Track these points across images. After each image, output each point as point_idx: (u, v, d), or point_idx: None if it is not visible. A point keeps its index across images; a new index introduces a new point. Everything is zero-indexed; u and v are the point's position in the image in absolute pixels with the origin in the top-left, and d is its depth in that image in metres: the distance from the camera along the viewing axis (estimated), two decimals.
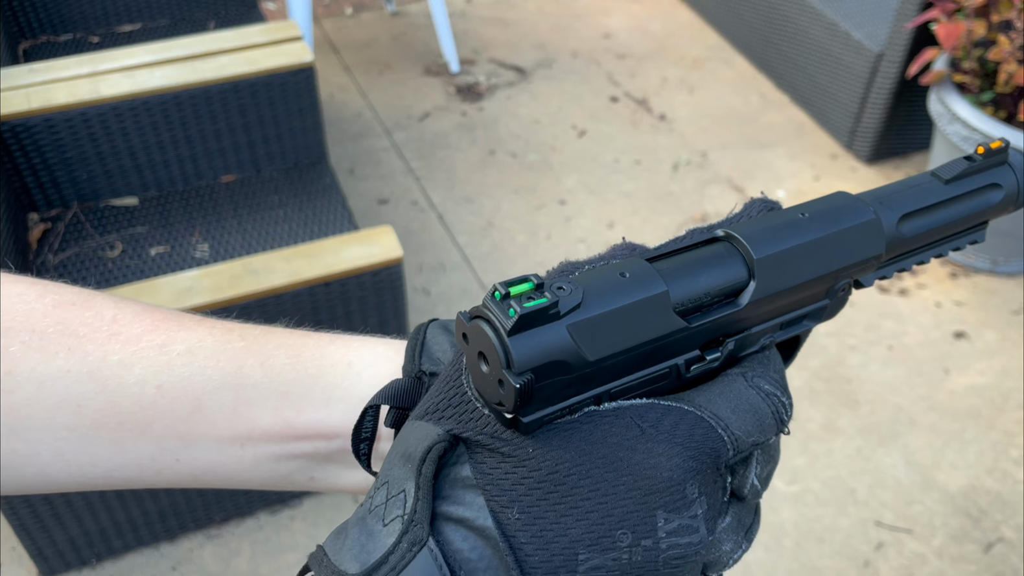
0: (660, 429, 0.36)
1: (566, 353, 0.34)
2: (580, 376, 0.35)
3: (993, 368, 2.17)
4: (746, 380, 0.39)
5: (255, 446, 0.47)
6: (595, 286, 0.36)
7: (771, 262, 0.39)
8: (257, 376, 0.46)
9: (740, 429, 0.38)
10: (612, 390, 0.37)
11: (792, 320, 0.43)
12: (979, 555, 1.81)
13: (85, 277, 1.76)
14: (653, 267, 0.37)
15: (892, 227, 0.43)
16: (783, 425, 0.40)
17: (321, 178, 2.01)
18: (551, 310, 0.33)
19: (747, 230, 0.40)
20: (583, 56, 3.23)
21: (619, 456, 0.35)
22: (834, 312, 0.45)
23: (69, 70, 1.83)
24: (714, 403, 0.38)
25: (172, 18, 2.48)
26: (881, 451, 1.99)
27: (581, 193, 2.65)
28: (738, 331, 0.40)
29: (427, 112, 2.96)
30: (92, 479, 0.47)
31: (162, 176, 1.94)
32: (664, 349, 0.37)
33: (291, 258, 1.50)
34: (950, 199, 0.46)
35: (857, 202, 0.43)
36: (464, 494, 0.36)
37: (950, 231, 0.47)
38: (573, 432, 0.36)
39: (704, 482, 0.37)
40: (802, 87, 2.95)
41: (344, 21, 3.42)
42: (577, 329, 0.34)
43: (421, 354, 0.45)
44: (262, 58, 1.87)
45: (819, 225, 0.41)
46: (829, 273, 0.41)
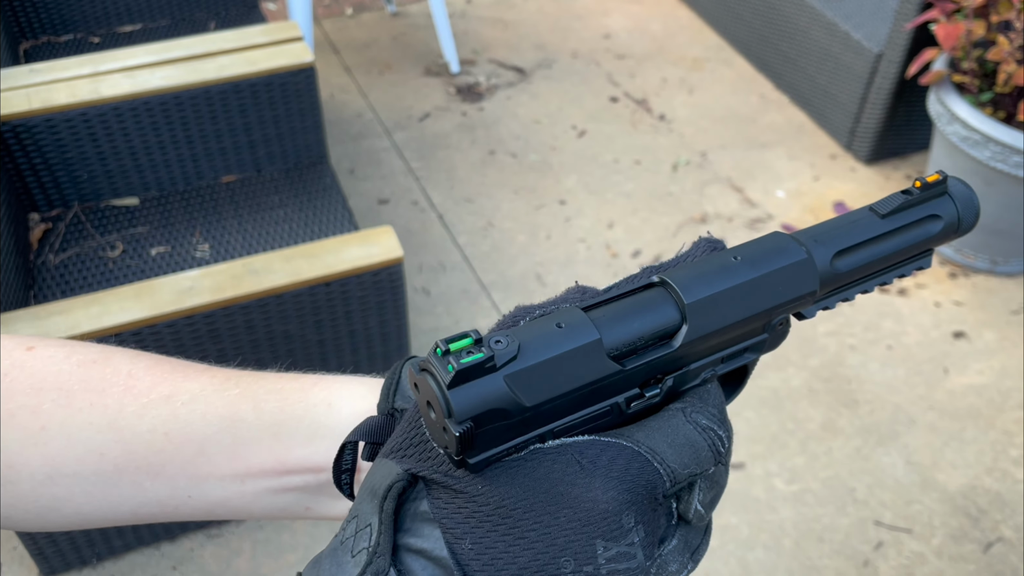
0: (598, 464, 0.39)
1: (503, 401, 0.37)
2: (521, 420, 0.38)
3: (992, 368, 2.17)
4: (685, 415, 0.42)
5: (254, 481, 0.52)
6: (531, 338, 0.39)
7: (702, 306, 0.42)
8: (251, 419, 0.51)
9: (676, 462, 0.41)
10: (555, 428, 0.40)
11: (733, 354, 0.45)
12: (978, 555, 1.81)
13: (86, 277, 1.77)
14: (588, 316, 0.40)
15: (826, 264, 0.45)
16: (720, 456, 0.42)
17: (321, 178, 2.02)
18: (487, 364, 0.37)
19: (680, 276, 0.43)
20: (583, 56, 3.24)
21: (560, 491, 0.39)
22: (775, 344, 0.48)
23: (70, 70, 1.83)
24: (652, 438, 0.41)
25: (172, 18, 2.49)
26: (880, 451, 1.99)
27: (581, 193, 2.65)
28: (676, 368, 0.43)
29: (427, 112, 2.96)
30: (121, 516, 0.53)
31: (163, 176, 1.94)
32: (602, 390, 0.40)
33: (291, 258, 1.50)
34: (886, 233, 0.48)
35: (790, 243, 0.45)
36: (423, 527, 0.40)
37: (890, 262, 0.49)
38: (519, 469, 0.39)
39: (641, 512, 0.40)
40: (802, 87, 2.95)
41: (344, 21, 3.42)
42: (513, 379, 0.37)
43: (395, 392, 0.48)
44: (262, 58, 1.88)
45: (750, 267, 0.43)
46: (762, 311, 0.44)
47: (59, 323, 1.37)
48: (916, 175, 2.74)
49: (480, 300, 2.32)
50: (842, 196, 2.65)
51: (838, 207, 2.62)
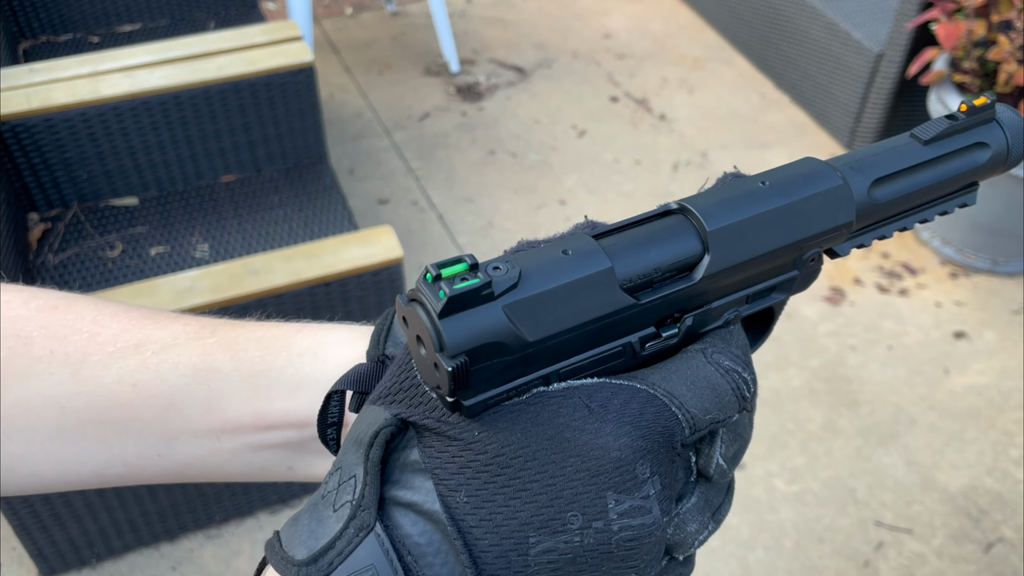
0: (609, 408, 0.36)
1: (502, 334, 0.33)
2: (522, 357, 0.34)
3: (993, 368, 2.17)
4: (705, 356, 0.38)
5: (230, 438, 0.47)
6: (535, 265, 0.35)
7: (726, 234, 0.38)
8: (227, 369, 0.47)
9: (696, 407, 0.37)
10: (561, 370, 0.36)
11: (759, 292, 0.41)
12: (979, 555, 1.81)
13: (85, 277, 1.76)
14: (599, 243, 0.36)
15: (863, 193, 0.41)
16: (745, 402, 0.39)
17: (321, 178, 2.01)
18: (484, 291, 0.33)
19: (702, 201, 0.38)
20: (583, 56, 3.23)
21: (566, 437, 0.35)
22: (806, 283, 0.43)
23: (69, 70, 1.83)
24: (669, 380, 0.37)
25: (172, 18, 2.48)
26: (881, 451, 1.99)
27: (581, 193, 2.65)
28: (696, 306, 0.39)
29: (427, 112, 2.96)
30: (84, 477, 0.48)
31: (162, 176, 1.94)
32: (613, 327, 0.36)
33: (291, 258, 1.50)
34: (929, 161, 0.43)
35: (824, 168, 0.41)
36: (413, 478, 0.36)
37: (932, 195, 0.44)
38: (520, 414, 0.35)
39: (657, 462, 0.36)
40: (802, 87, 2.95)
41: (344, 21, 3.42)
42: (514, 309, 0.33)
43: (386, 338, 0.44)
44: (262, 58, 1.87)
45: (780, 193, 0.39)
46: (792, 243, 0.39)
47: None
48: None
49: None
50: None
51: None
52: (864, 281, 2.39)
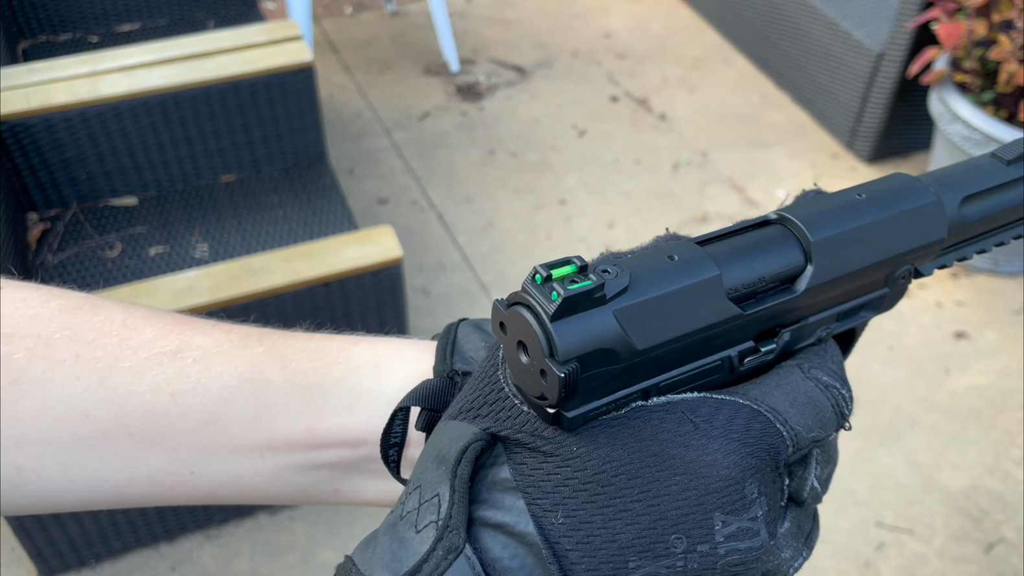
0: (715, 424, 0.34)
1: (613, 341, 0.31)
2: (627, 367, 0.33)
3: (994, 368, 2.17)
4: (803, 372, 0.37)
5: (276, 456, 0.44)
6: (643, 269, 0.33)
7: (829, 245, 0.37)
8: (278, 381, 0.43)
9: (799, 423, 0.35)
10: (661, 384, 0.34)
11: (850, 310, 0.40)
12: (980, 556, 1.80)
13: (84, 277, 1.76)
14: (705, 250, 0.35)
15: (954, 210, 0.40)
16: (844, 419, 0.37)
17: (321, 178, 2.01)
18: (596, 293, 0.31)
19: (802, 212, 0.37)
20: (583, 56, 3.23)
21: (671, 454, 0.33)
22: (893, 302, 0.42)
23: (68, 70, 1.83)
24: (771, 396, 0.35)
25: (171, 18, 2.48)
26: (882, 451, 1.99)
27: (581, 193, 2.65)
28: (794, 321, 0.38)
29: (427, 112, 2.96)
30: (100, 496, 0.44)
31: (161, 176, 1.94)
32: (717, 339, 0.35)
33: (291, 258, 1.49)
34: (1013, 181, 0.42)
35: (917, 183, 0.40)
36: (503, 497, 0.33)
37: (1013, 216, 0.44)
38: (620, 428, 0.33)
39: (764, 481, 0.34)
40: (803, 87, 2.95)
41: (344, 21, 3.42)
42: (625, 315, 0.32)
43: (453, 353, 0.42)
44: (261, 58, 1.87)
45: (878, 207, 0.38)
46: (890, 258, 0.38)
47: None
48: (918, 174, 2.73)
49: (480, 300, 2.31)
50: None
51: None
52: None
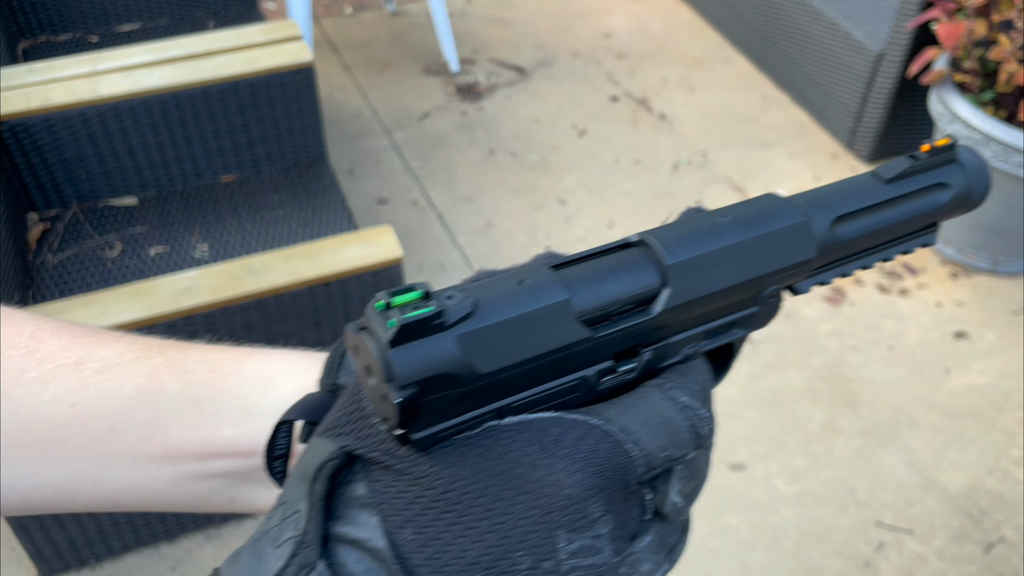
0: (562, 444, 0.35)
1: (454, 365, 0.32)
2: (474, 389, 0.34)
3: (994, 368, 2.17)
4: (662, 392, 0.38)
5: (172, 465, 0.45)
6: (490, 295, 0.34)
7: (686, 268, 0.37)
8: (174, 392, 0.45)
9: (651, 444, 0.36)
10: (515, 403, 0.35)
11: (719, 328, 0.41)
12: (980, 556, 1.80)
13: (84, 277, 1.76)
14: (556, 274, 0.36)
15: (824, 230, 0.41)
16: (701, 439, 0.38)
17: (321, 178, 2.01)
18: (436, 320, 0.32)
19: (663, 235, 0.38)
20: (583, 56, 3.23)
21: (517, 473, 0.34)
22: (766, 320, 0.43)
23: (68, 70, 1.83)
24: (625, 416, 0.36)
25: (171, 18, 2.48)
26: (881, 451, 1.99)
27: (581, 193, 2.65)
28: (655, 340, 0.38)
29: (427, 112, 2.96)
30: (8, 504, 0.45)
31: (161, 176, 1.94)
32: (569, 360, 0.36)
33: (291, 258, 1.49)
34: (890, 200, 0.43)
35: (785, 204, 0.41)
36: (359, 514, 0.34)
37: (893, 234, 0.45)
38: (471, 448, 0.34)
39: (610, 500, 0.35)
40: (803, 87, 2.95)
41: (344, 21, 3.42)
42: (467, 340, 0.33)
43: (339, 367, 0.43)
44: (261, 58, 1.87)
45: (741, 228, 0.39)
46: (752, 279, 0.39)
47: None
48: None
49: None
50: None
51: None
52: (864, 281, 2.39)
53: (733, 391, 2.11)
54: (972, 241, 2.39)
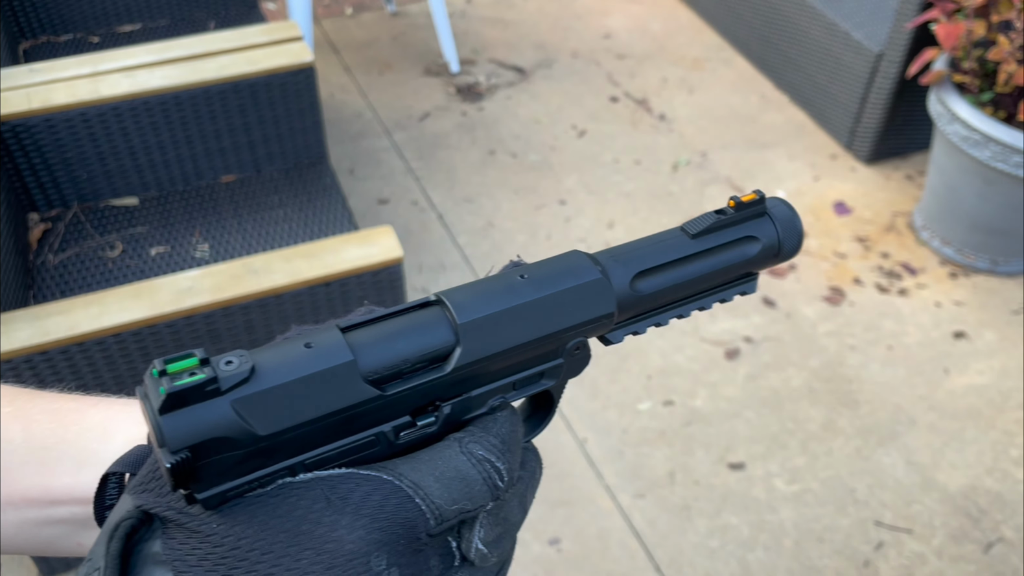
0: (349, 500, 0.36)
1: (230, 429, 0.34)
2: (258, 450, 0.35)
3: (993, 368, 2.17)
4: (460, 446, 0.39)
5: (16, 511, 0.47)
6: (272, 359, 0.35)
7: (477, 326, 0.39)
8: (18, 441, 0.46)
9: (442, 497, 0.38)
10: (308, 460, 0.37)
11: (525, 379, 0.42)
12: (979, 555, 1.81)
13: (85, 277, 1.76)
14: (344, 337, 0.37)
15: (624, 286, 0.43)
16: (497, 491, 0.39)
17: (321, 178, 2.01)
18: (209, 386, 0.33)
19: (458, 295, 0.40)
20: (583, 56, 3.24)
21: (303, 529, 0.36)
22: (576, 370, 0.44)
23: (69, 70, 1.83)
24: (417, 471, 0.38)
25: (172, 18, 2.48)
26: (881, 451, 1.99)
27: (581, 193, 2.65)
28: (455, 395, 0.40)
29: (427, 112, 2.96)
30: None
31: (162, 176, 1.94)
32: (360, 418, 0.37)
33: (291, 258, 1.50)
34: (695, 254, 0.45)
35: (585, 261, 0.43)
36: (154, 570, 0.36)
37: (703, 285, 0.46)
38: (260, 506, 0.36)
39: (395, 553, 0.37)
40: (802, 87, 2.95)
41: (344, 21, 3.42)
42: (243, 404, 0.34)
43: None
44: (262, 58, 1.87)
45: (536, 287, 0.41)
46: (549, 335, 0.41)
47: (58, 323, 1.36)
48: (917, 175, 2.74)
49: None
50: (842, 196, 2.65)
51: (838, 207, 2.62)
52: (864, 281, 2.39)
53: (733, 391, 2.11)
54: (971, 241, 2.39)
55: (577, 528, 1.84)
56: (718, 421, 2.05)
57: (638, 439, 2.01)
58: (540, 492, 1.90)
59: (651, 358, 2.18)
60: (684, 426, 2.03)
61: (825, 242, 2.50)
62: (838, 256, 2.46)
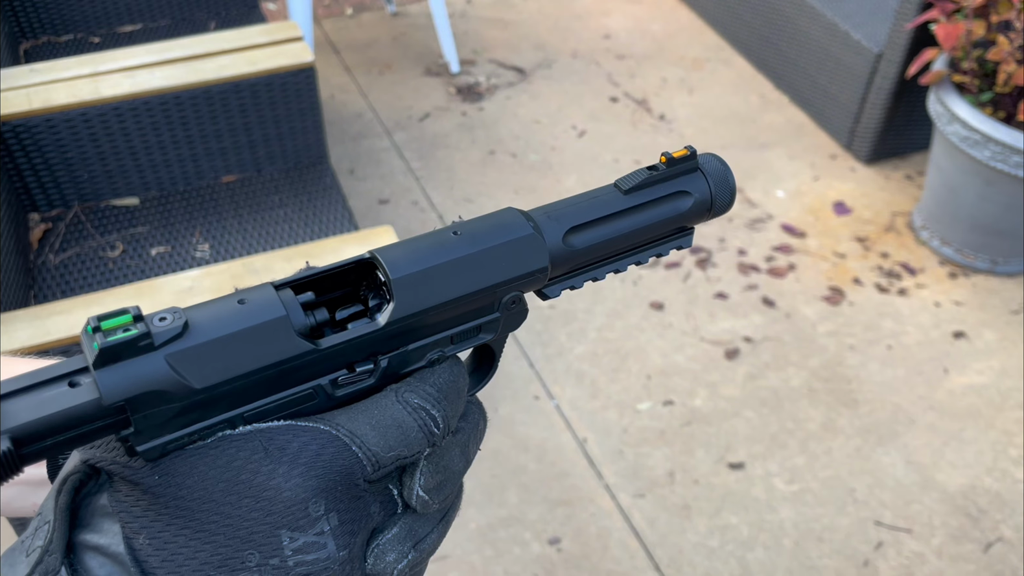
0: (286, 451, 0.37)
1: (165, 383, 0.34)
2: (196, 403, 0.36)
3: (992, 368, 2.17)
4: (396, 395, 0.40)
5: None
6: (207, 315, 0.36)
7: (410, 282, 0.40)
8: None
9: (379, 445, 0.39)
10: (247, 413, 0.37)
11: (463, 333, 0.43)
12: (978, 555, 1.81)
13: (86, 277, 1.77)
14: (278, 294, 0.38)
15: (557, 241, 0.44)
16: (433, 438, 0.40)
17: (321, 178, 2.02)
18: (142, 341, 0.34)
19: (390, 251, 0.40)
20: (583, 56, 3.24)
21: (241, 479, 0.37)
22: (514, 323, 0.45)
23: (70, 70, 1.83)
24: (354, 421, 0.39)
25: (173, 19, 2.49)
26: (880, 451, 1.99)
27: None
28: (392, 349, 0.40)
29: (427, 112, 2.96)
30: None
31: (163, 176, 1.94)
32: (297, 372, 0.38)
33: (291, 258, 1.50)
34: (627, 209, 0.46)
35: (517, 218, 0.43)
36: (102, 522, 0.37)
37: (637, 239, 0.47)
38: (200, 457, 0.37)
39: (333, 499, 0.38)
40: (802, 87, 2.95)
41: (344, 21, 3.42)
42: (177, 359, 0.35)
43: None
44: (263, 58, 1.88)
45: (468, 243, 0.42)
46: (482, 289, 0.42)
47: (59, 323, 1.37)
48: (916, 175, 2.74)
49: None
50: (842, 196, 2.66)
51: (838, 207, 2.62)
52: (863, 281, 2.39)
53: (733, 391, 2.11)
54: (971, 241, 2.39)
55: (577, 528, 1.85)
56: (718, 421, 2.05)
57: (638, 439, 2.01)
58: (540, 492, 1.90)
59: (651, 358, 2.18)
60: (684, 426, 2.04)
61: (825, 242, 2.50)
62: (838, 256, 2.46)
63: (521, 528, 1.84)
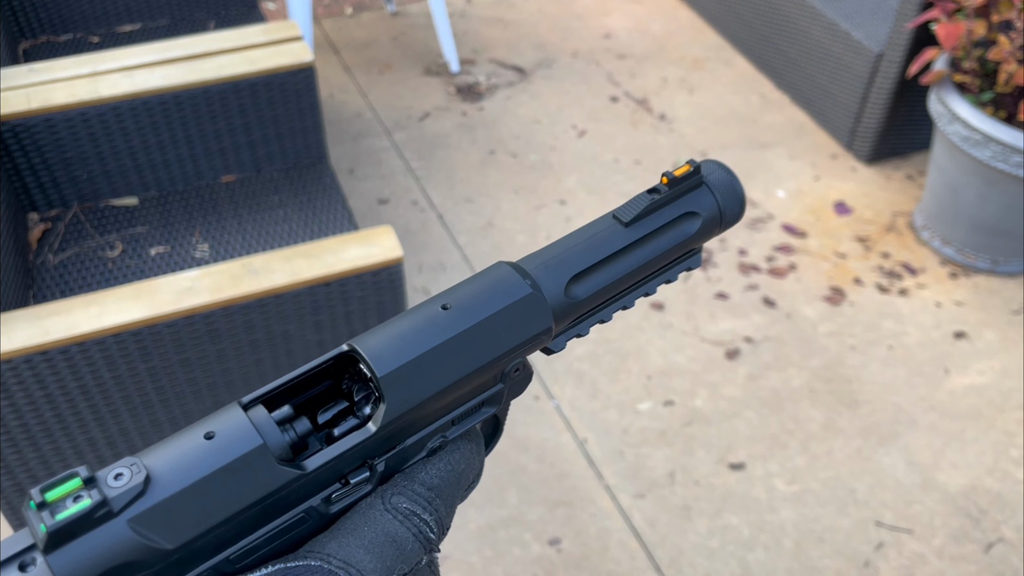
0: None
1: (131, 553, 0.30)
2: (173, 563, 0.31)
3: (993, 368, 2.17)
4: (384, 503, 0.36)
5: None
6: (169, 460, 0.31)
7: (401, 375, 0.35)
8: None
9: (376, 570, 0.35)
10: (234, 554, 0.33)
11: (465, 413, 0.39)
12: (979, 555, 1.81)
13: (85, 277, 1.76)
14: (248, 415, 0.33)
15: (559, 295, 0.39)
16: (430, 544, 0.37)
17: (321, 178, 2.01)
18: (99, 511, 0.29)
19: (374, 342, 0.35)
20: (583, 56, 3.23)
21: None
22: (517, 390, 0.41)
23: (69, 70, 1.83)
24: (346, 547, 0.35)
25: (172, 18, 2.48)
26: (881, 451, 1.99)
27: (581, 193, 2.65)
28: (387, 450, 0.36)
29: (427, 112, 2.96)
30: None
31: (162, 176, 1.94)
32: (285, 500, 0.34)
33: (291, 258, 1.50)
34: (631, 244, 0.41)
35: (510, 275, 0.38)
36: None
37: (644, 273, 0.43)
38: None
39: None
40: (802, 87, 2.95)
41: (344, 21, 3.42)
42: (143, 521, 0.30)
43: None
44: (262, 58, 1.87)
45: (461, 317, 0.37)
46: (481, 367, 0.37)
47: (58, 323, 1.36)
48: (917, 175, 2.74)
49: None
50: (843, 196, 2.65)
51: (839, 207, 2.61)
52: (864, 281, 2.39)
53: (733, 391, 2.11)
54: (972, 241, 2.39)
55: (577, 528, 1.84)
56: (718, 421, 2.05)
57: (638, 439, 2.01)
58: (540, 492, 1.90)
59: (651, 358, 2.18)
60: (684, 426, 2.03)
61: (825, 242, 2.49)
62: (838, 256, 2.45)
63: (521, 529, 1.84)
